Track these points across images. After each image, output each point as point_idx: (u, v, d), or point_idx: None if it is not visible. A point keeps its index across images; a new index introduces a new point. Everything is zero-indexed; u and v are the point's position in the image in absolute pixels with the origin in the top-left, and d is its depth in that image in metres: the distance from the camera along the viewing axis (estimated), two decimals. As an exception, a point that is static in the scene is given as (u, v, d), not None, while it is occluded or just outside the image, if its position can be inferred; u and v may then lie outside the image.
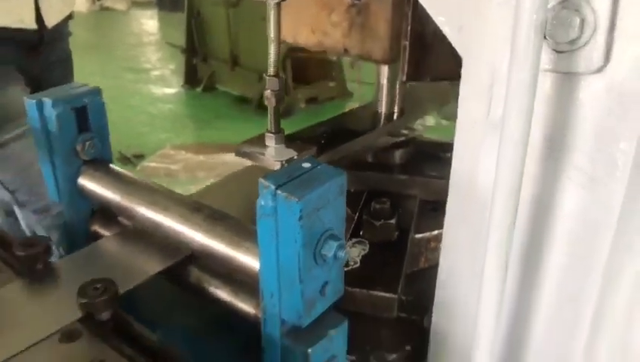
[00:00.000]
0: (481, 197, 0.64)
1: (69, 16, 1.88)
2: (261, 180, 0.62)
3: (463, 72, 0.65)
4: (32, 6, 1.66)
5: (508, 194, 0.58)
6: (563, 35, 0.54)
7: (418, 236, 1.03)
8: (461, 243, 0.71)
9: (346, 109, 1.37)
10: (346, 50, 1.03)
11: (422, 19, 0.93)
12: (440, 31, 0.67)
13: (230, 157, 0.76)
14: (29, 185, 0.74)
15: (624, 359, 0.67)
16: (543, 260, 0.65)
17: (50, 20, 1.73)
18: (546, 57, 0.55)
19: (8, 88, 1.59)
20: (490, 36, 0.60)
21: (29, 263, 0.77)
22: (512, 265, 0.66)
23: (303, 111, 5.46)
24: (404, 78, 1.00)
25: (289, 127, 1.02)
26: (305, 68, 5.50)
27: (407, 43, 0.94)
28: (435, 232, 1.03)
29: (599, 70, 0.55)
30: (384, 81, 1.15)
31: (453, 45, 0.65)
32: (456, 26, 0.64)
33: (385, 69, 1.13)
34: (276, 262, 0.64)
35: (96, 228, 0.91)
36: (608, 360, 0.68)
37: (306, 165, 0.65)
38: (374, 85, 1.18)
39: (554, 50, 0.55)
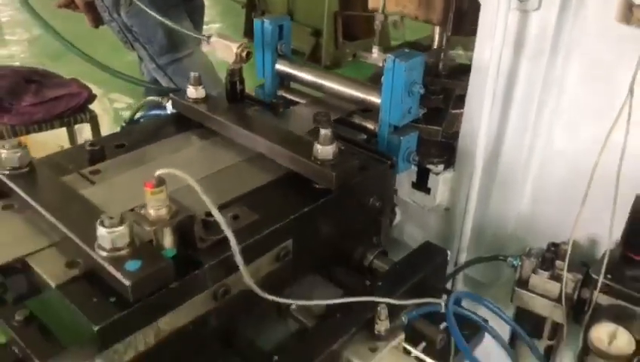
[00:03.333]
0: (485, 69, 1.40)
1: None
2: (388, 55, 1.39)
3: (481, 10, 1.41)
4: (196, -34, 2.43)
5: (496, 64, 1.35)
6: (522, -7, 1.30)
7: (453, 111, 1.79)
8: (476, 96, 1.49)
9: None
10: (416, 17, 1.78)
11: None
12: (469, 8, 1.41)
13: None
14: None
15: (547, 148, 1.44)
16: (512, 95, 1.43)
17: None
18: (514, 2, 1.31)
19: (182, 21, 2.38)
20: (493, -7, 1.36)
21: (275, 108, 1.57)
22: (496, 99, 1.43)
23: (350, 63, 6.18)
24: (450, 34, 1.76)
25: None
26: (353, 25, 6.13)
27: (452, 14, 1.70)
28: (462, 110, 1.80)
29: (537, 9, 1.31)
30: (436, 36, 1.91)
31: (478, -2, 1.41)
32: (479, -11, 1.40)
33: (437, 28, 1.88)
34: (390, 94, 1.41)
35: (282, 93, 1.72)
36: (542, 156, 1.45)
37: (406, 50, 1.42)
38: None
39: None
